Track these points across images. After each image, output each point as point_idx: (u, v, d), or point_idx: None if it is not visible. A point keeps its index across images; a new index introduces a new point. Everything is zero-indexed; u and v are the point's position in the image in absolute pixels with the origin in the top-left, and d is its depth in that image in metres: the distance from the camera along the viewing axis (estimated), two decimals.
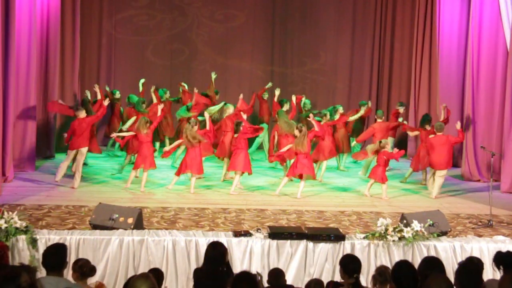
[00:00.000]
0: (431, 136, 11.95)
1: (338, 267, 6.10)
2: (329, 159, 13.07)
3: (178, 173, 11.51)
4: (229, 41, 17.15)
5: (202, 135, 11.60)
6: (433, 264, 5.49)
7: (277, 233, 8.46)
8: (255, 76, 17.23)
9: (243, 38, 17.13)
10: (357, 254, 8.05)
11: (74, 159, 11.96)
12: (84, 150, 11.78)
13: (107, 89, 15.00)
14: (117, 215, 8.67)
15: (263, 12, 17.15)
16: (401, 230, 8.40)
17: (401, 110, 14.23)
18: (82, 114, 11.81)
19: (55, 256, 5.51)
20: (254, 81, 17.06)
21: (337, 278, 6.94)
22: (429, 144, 11.91)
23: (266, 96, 15.23)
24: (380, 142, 11.70)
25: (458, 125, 12.38)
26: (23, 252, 8.07)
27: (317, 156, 12.86)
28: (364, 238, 8.50)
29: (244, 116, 12.58)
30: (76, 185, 11.59)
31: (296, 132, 11.45)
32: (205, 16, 17.09)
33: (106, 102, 12.27)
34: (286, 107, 13.99)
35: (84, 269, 6.04)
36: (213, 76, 15.09)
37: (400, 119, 14.06)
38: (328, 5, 17.16)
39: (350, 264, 5.82)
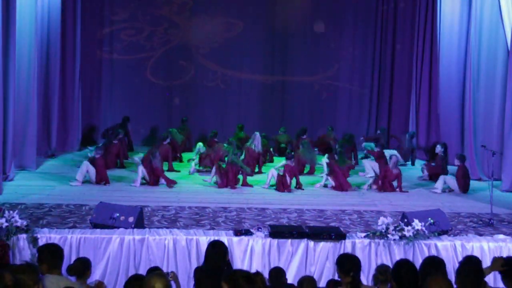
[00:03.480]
0: None
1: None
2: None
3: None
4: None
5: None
6: (435, 264, 5.48)
7: (278, 232, 8.46)
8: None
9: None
10: (358, 253, 8.06)
11: None
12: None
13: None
14: (118, 214, 8.68)
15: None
16: (402, 229, 8.40)
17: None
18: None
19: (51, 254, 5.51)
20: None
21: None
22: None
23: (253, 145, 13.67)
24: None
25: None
26: (23, 251, 8.05)
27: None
28: (365, 237, 8.50)
29: None
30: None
31: None
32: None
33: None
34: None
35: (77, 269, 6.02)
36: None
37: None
38: (329, 6, 17.18)
39: (346, 264, 5.79)
